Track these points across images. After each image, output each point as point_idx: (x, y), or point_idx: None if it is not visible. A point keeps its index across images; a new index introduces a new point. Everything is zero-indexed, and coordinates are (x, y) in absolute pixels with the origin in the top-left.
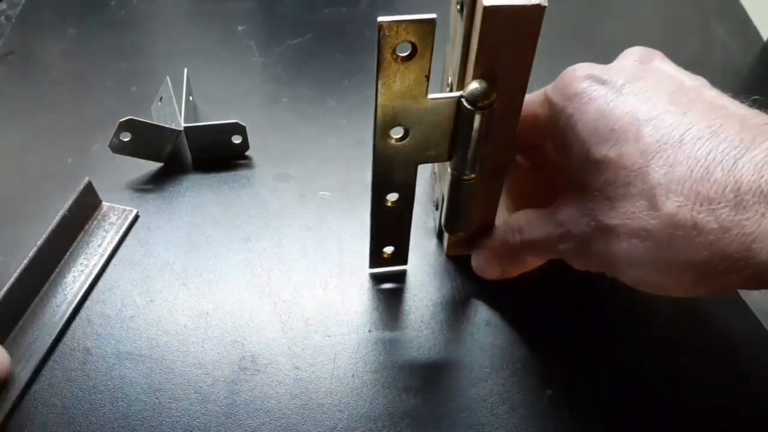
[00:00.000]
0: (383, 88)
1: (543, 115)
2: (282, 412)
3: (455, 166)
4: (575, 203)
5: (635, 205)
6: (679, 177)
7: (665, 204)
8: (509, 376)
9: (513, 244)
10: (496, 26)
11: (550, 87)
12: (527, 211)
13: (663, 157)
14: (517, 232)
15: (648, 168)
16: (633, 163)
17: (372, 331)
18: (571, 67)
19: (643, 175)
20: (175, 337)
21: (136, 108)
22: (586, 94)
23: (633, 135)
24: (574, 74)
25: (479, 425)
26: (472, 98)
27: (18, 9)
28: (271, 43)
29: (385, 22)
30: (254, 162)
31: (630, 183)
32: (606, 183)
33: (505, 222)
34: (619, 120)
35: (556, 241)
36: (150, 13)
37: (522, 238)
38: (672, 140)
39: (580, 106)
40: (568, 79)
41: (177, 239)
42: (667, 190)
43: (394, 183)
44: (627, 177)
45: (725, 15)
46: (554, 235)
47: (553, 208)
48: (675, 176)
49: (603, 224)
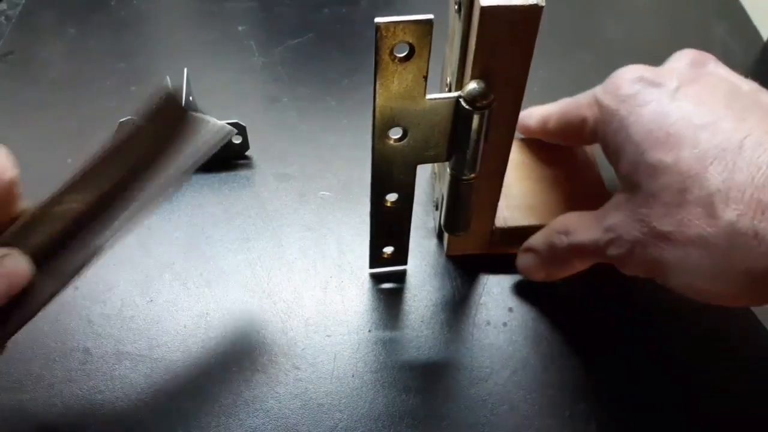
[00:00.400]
0: (381, 88)
1: (592, 117)
2: (282, 412)
3: (454, 166)
4: (627, 208)
5: (692, 212)
6: (739, 184)
7: (724, 212)
8: (509, 376)
9: (560, 247)
10: (494, 26)
11: (599, 89)
12: (574, 213)
13: (722, 164)
14: (564, 235)
15: (706, 174)
16: (690, 168)
17: (372, 331)
18: (620, 69)
19: (701, 181)
20: (175, 337)
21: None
22: (639, 97)
23: (690, 140)
24: (624, 76)
25: (479, 425)
26: (471, 98)
27: (18, 9)
28: (271, 43)
29: (383, 23)
30: (254, 162)
31: (686, 189)
32: (661, 188)
33: (552, 224)
34: (674, 124)
35: (605, 245)
36: (150, 13)
37: (570, 242)
38: (731, 146)
39: (633, 108)
40: (619, 81)
41: (177, 239)
42: (727, 198)
43: (393, 183)
44: (683, 183)
45: (725, 15)
46: (603, 240)
47: (602, 211)
48: (735, 183)
49: (657, 230)
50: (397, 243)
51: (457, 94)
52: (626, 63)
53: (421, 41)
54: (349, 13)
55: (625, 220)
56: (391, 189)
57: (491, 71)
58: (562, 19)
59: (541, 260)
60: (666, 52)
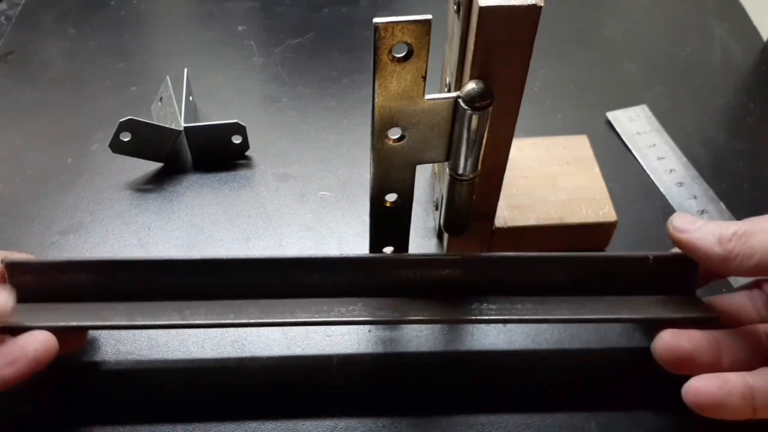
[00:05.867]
0: (380, 89)
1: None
2: (282, 412)
3: (453, 166)
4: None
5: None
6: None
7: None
8: (509, 376)
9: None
10: (493, 26)
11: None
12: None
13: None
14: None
15: None
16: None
17: (372, 330)
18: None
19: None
20: (176, 337)
21: (136, 108)
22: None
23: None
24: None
25: (479, 425)
26: (469, 98)
27: (18, 9)
28: (271, 43)
29: (381, 23)
30: (254, 162)
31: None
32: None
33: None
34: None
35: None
36: (150, 13)
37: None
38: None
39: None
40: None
41: (177, 239)
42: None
43: (392, 183)
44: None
45: (725, 15)
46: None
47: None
48: None
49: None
50: (397, 243)
51: (456, 95)
52: (626, 63)
53: (419, 41)
54: (349, 13)
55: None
56: (391, 189)
57: (490, 71)
58: (562, 18)
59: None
60: (666, 52)
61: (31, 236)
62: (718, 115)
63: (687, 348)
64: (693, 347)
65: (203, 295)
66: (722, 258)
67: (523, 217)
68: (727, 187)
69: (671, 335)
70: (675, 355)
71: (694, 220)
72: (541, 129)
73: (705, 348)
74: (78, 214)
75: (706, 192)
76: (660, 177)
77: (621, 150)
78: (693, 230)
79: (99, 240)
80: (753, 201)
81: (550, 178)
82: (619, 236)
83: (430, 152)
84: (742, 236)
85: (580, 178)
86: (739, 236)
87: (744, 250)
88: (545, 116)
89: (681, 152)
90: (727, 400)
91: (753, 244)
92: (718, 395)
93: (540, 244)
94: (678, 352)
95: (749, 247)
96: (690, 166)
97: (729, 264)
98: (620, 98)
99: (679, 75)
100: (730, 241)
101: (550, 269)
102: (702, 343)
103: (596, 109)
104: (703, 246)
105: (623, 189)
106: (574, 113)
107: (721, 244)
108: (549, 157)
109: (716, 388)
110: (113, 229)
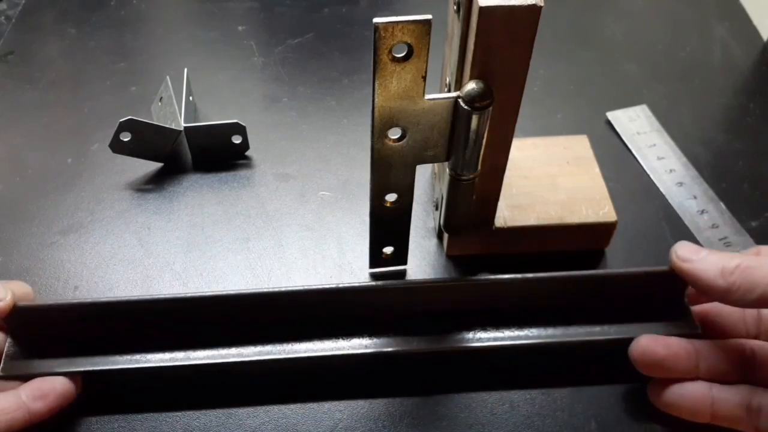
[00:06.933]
0: (380, 89)
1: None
2: (282, 412)
3: (453, 166)
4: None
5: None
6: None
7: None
8: (509, 377)
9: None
10: (493, 26)
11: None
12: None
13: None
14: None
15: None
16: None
17: None
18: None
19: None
20: None
21: (136, 108)
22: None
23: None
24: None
25: (479, 425)
26: (469, 98)
27: (18, 9)
28: (271, 43)
29: (381, 23)
30: (254, 162)
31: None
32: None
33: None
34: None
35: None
36: (150, 12)
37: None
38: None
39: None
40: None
41: (177, 239)
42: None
43: (392, 183)
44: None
45: (725, 15)
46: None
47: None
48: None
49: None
50: (397, 243)
51: (456, 95)
52: (626, 63)
53: (419, 41)
54: (349, 13)
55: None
56: (391, 189)
57: (490, 71)
58: (562, 18)
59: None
60: (666, 52)
61: (31, 236)
62: (718, 115)
63: (661, 354)
64: (667, 354)
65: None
66: (724, 290)
67: (523, 217)
68: (727, 187)
69: (648, 340)
70: (649, 360)
71: (698, 250)
72: (541, 129)
73: (681, 355)
74: (78, 214)
75: (706, 192)
76: (660, 177)
77: (621, 150)
78: (696, 260)
79: (99, 240)
80: (753, 201)
81: (550, 178)
82: (619, 236)
83: (430, 152)
84: (745, 269)
85: (580, 178)
86: (742, 269)
87: (746, 284)
88: (545, 116)
89: (681, 152)
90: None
91: (755, 278)
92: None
93: (540, 244)
94: (652, 358)
95: (752, 281)
96: (690, 166)
97: (731, 296)
98: (620, 98)
99: (678, 75)
100: (733, 274)
101: (535, 291)
102: (678, 351)
103: (596, 109)
104: (706, 277)
105: (623, 189)
106: (574, 113)
107: (724, 276)
108: (549, 157)
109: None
110: (113, 229)
